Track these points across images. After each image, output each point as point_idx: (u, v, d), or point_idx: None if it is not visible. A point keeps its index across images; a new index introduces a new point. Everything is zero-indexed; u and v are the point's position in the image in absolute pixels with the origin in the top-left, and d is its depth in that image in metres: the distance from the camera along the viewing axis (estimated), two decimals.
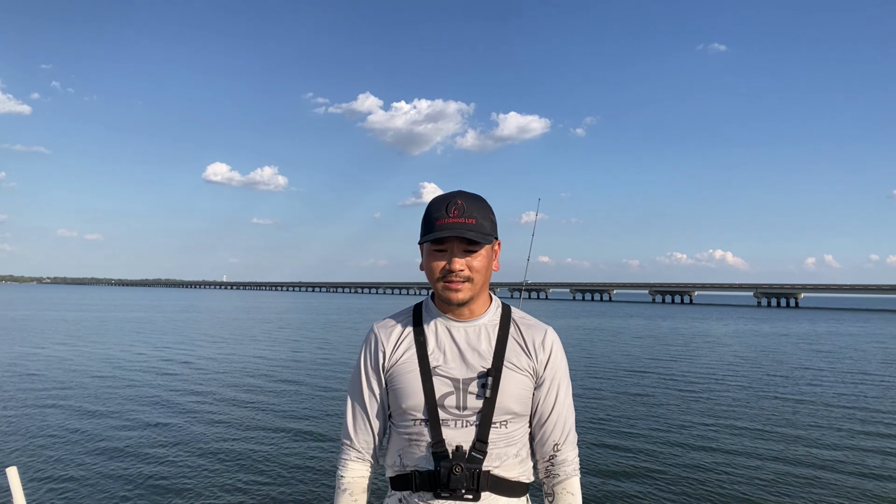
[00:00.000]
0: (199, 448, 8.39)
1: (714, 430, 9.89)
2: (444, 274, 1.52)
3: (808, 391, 14.02)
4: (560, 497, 1.60)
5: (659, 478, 7.42)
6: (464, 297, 1.53)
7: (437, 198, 1.55)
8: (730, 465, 7.95)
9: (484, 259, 1.54)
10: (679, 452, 8.54)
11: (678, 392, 13.55)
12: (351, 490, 1.60)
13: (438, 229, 1.48)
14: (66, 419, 9.95)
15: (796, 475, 7.59)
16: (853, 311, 78.04)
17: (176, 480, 7.04)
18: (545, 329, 1.64)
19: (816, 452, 8.67)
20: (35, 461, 7.63)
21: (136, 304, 61.75)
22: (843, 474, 7.68)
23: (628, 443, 9.02)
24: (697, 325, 40.71)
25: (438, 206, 1.51)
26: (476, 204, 1.53)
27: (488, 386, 1.51)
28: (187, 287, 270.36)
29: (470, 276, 1.52)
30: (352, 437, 1.63)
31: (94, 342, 22.59)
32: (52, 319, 35.22)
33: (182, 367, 16.30)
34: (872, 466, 8.03)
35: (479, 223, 1.51)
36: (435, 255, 1.53)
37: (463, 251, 1.51)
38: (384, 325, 1.64)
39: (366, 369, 1.62)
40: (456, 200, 1.51)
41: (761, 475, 7.56)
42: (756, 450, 8.74)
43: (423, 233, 1.54)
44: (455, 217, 1.49)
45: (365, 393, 1.61)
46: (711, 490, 7.02)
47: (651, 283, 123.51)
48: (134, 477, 7.13)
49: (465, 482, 1.48)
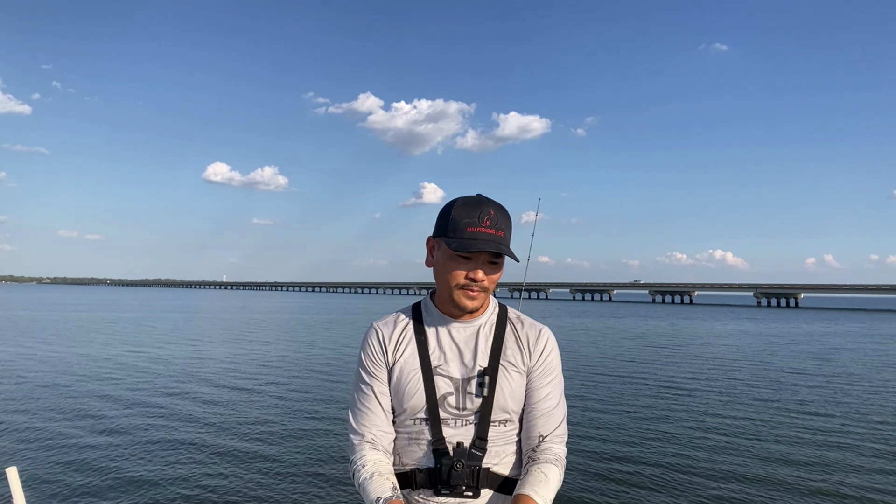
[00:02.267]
0: (198, 448, 8.39)
1: (711, 430, 9.90)
2: (465, 282, 1.52)
3: (807, 391, 14.03)
4: (531, 474, 1.50)
5: (652, 475, 7.43)
6: (477, 306, 1.55)
7: (467, 202, 1.52)
8: (726, 465, 7.96)
9: (501, 270, 1.57)
10: (673, 452, 8.55)
11: (675, 392, 13.55)
12: (378, 471, 1.49)
13: (470, 236, 1.47)
14: (66, 419, 9.95)
15: (792, 474, 7.61)
16: (853, 311, 78.05)
17: (176, 480, 7.05)
18: (541, 328, 1.66)
19: (810, 453, 8.69)
20: (35, 461, 7.64)
21: (136, 305, 61.74)
22: (840, 473, 7.70)
23: (624, 442, 9.03)
24: (697, 326, 40.72)
25: (470, 212, 1.49)
26: (505, 216, 1.53)
27: (485, 385, 1.52)
28: (187, 287, 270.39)
29: (487, 287, 1.54)
30: (361, 432, 1.57)
31: (94, 342, 22.60)
32: (52, 320, 35.22)
33: (183, 368, 16.31)
34: (871, 466, 8.04)
35: (506, 236, 1.52)
36: (459, 261, 1.51)
37: (489, 263, 1.52)
38: (385, 324, 1.65)
39: (368, 367, 1.61)
40: (489, 210, 1.49)
41: (757, 474, 7.58)
42: (751, 449, 8.75)
43: (447, 233, 1.51)
44: (487, 227, 1.48)
45: (370, 392, 1.60)
46: (711, 490, 7.03)
47: (651, 284, 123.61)
48: (134, 476, 7.14)
49: (466, 479, 1.49)
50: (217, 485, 6.93)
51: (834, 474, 7.67)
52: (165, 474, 7.25)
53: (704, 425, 10.26)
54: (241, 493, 6.69)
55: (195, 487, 6.84)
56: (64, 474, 7.19)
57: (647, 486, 7.11)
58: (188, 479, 7.12)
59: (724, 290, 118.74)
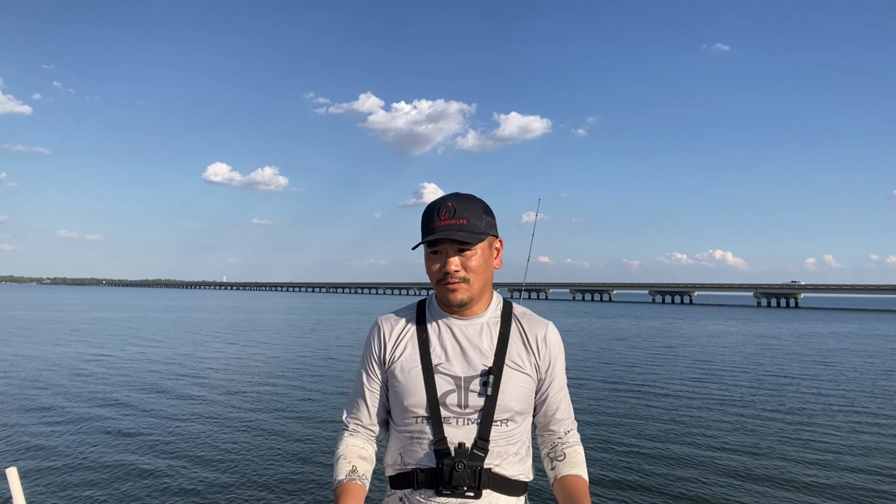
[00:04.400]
0: (198, 447, 8.39)
1: (708, 430, 9.91)
2: (441, 276, 1.54)
3: (807, 391, 14.03)
4: (571, 455, 1.64)
5: (651, 474, 7.43)
6: (462, 298, 1.54)
7: (431, 203, 1.57)
8: (725, 464, 7.96)
9: (480, 258, 1.54)
10: (669, 452, 8.55)
11: (672, 391, 13.56)
12: (344, 455, 1.59)
13: (431, 233, 1.51)
14: (66, 419, 9.95)
15: (788, 473, 7.62)
16: (853, 311, 78.05)
17: (175, 480, 7.05)
18: (546, 324, 1.66)
19: (806, 454, 8.69)
20: (35, 461, 7.64)
21: (136, 305, 61.74)
22: (835, 473, 7.70)
23: (623, 441, 9.03)
24: (696, 326, 40.71)
25: (431, 211, 1.54)
26: (467, 204, 1.54)
27: (489, 384, 1.52)
28: (187, 287, 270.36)
29: (466, 277, 1.53)
30: (345, 421, 1.67)
31: (93, 343, 22.60)
32: (52, 320, 35.22)
33: (182, 369, 16.32)
34: (870, 465, 8.04)
35: (471, 223, 1.52)
36: (431, 258, 1.56)
37: (456, 252, 1.53)
38: (388, 320, 1.66)
39: (369, 360, 1.65)
40: (446, 203, 1.53)
41: (755, 473, 7.58)
42: (746, 448, 8.76)
43: (422, 237, 1.57)
44: (446, 219, 1.51)
45: (364, 384, 1.64)
46: (710, 490, 7.03)
47: (651, 284, 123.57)
48: (133, 476, 7.14)
49: (467, 479, 1.49)
50: (216, 484, 6.94)
51: (834, 475, 7.68)
52: (167, 473, 7.25)
53: (703, 426, 10.26)
54: (240, 493, 6.69)
55: (194, 486, 6.84)
56: (64, 474, 7.18)
57: (646, 486, 7.12)
58: (188, 478, 7.11)
59: (723, 291, 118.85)
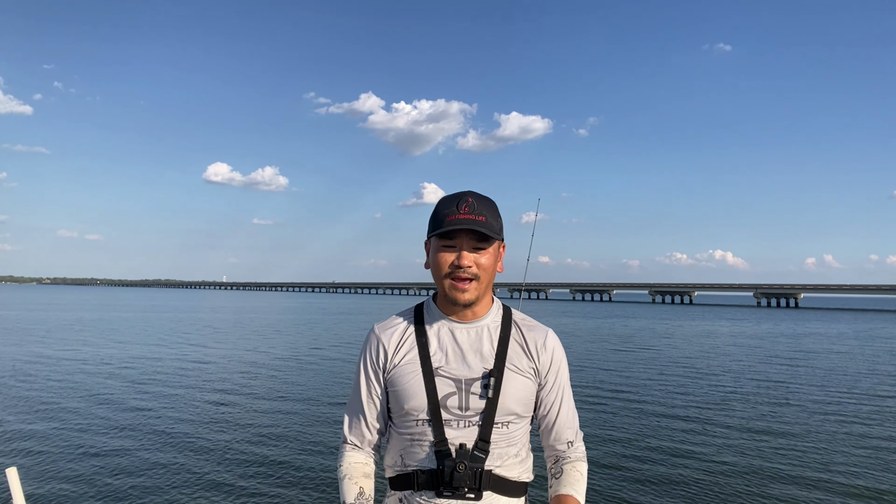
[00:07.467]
0: (198, 448, 8.39)
1: (707, 430, 9.91)
2: (451, 269, 1.52)
3: (805, 392, 14.04)
4: (568, 473, 1.63)
5: (650, 475, 7.44)
6: (470, 298, 1.54)
7: (448, 196, 1.56)
8: (723, 466, 7.97)
9: (491, 258, 1.55)
10: (669, 452, 8.56)
11: (672, 391, 13.57)
12: (349, 474, 1.59)
13: (448, 224, 1.49)
14: (66, 419, 9.95)
15: (787, 473, 7.62)
16: (853, 311, 78.06)
17: (175, 479, 7.05)
18: (546, 331, 1.66)
19: (802, 453, 8.70)
20: (35, 461, 7.64)
21: (134, 305, 61.75)
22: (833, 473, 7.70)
23: (622, 442, 9.04)
24: (695, 326, 40.71)
25: (449, 204, 1.53)
26: (486, 203, 1.55)
27: (490, 387, 1.52)
28: (187, 287, 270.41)
29: (477, 274, 1.53)
30: (349, 436, 1.65)
31: (93, 343, 22.60)
32: (52, 320, 35.22)
33: (182, 368, 16.32)
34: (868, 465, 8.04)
35: (489, 222, 1.52)
36: (443, 250, 1.53)
37: (472, 247, 1.52)
38: (385, 326, 1.65)
39: (366, 371, 1.63)
40: (467, 198, 1.53)
41: (753, 470, 7.58)
42: (746, 448, 8.76)
43: (430, 229, 1.55)
44: (466, 213, 1.50)
45: (364, 395, 1.62)
46: (709, 489, 7.03)
47: (651, 284, 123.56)
48: (133, 476, 7.14)
49: (468, 481, 1.49)
50: (216, 483, 6.93)
51: (834, 475, 7.68)
52: (167, 473, 7.25)
53: (703, 426, 10.26)
54: (239, 492, 6.70)
55: (194, 486, 6.84)
56: (64, 474, 7.19)
57: (646, 485, 7.12)
58: (188, 478, 7.12)
59: (724, 291, 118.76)
